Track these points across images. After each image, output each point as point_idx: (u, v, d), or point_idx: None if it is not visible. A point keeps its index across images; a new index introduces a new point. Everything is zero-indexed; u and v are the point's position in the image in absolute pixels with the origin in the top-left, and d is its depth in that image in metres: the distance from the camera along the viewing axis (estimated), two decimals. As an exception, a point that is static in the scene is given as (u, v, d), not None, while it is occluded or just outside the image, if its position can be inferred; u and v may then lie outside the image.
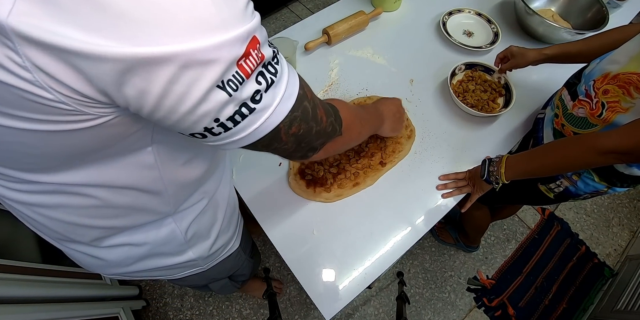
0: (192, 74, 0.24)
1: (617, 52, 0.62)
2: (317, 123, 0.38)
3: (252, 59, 0.27)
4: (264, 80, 0.29)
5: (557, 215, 1.60)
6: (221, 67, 0.25)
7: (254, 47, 0.27)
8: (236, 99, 0.27)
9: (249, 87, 0.28)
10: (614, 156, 0.53)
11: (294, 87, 0.33)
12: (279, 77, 0.31)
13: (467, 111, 0.86)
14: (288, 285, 1.40)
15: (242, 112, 0.29)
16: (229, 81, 0.26)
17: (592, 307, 1.41)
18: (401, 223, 0.75)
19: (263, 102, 0.30)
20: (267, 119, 0.31)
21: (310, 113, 0.36)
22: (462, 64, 0.91)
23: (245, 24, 0.26)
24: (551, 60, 0.80)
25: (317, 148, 0.43)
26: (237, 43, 0.25)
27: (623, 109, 0.58)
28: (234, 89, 0.27)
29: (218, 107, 0.27)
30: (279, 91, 0.31)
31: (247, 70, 0.27)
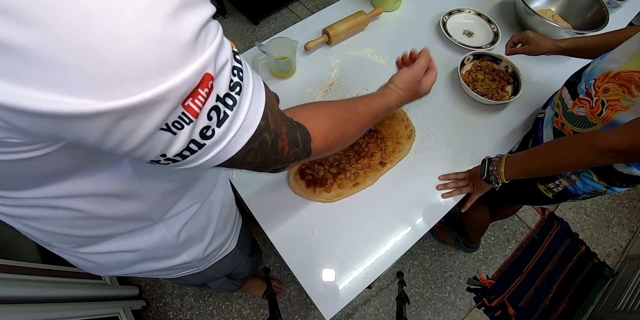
0: (129, 123, 0.22)
1: (617, 51, 0.62)
2: (277, 153, 0.36)
3: (202, 97, 0.24)
4: (216, 115, 0.26)
5: (557, 215, 1.60)
6: (163, 113, 0.23)
7: (206, 84, 0.24)
8: (183, 135, 0.25)
9: (199, 125, 0.26)
10: (614, 155, 0.53)
11: (255, 117, 0.31)
12: (236, 109, 0.28)
13: (478, 100, 0.87)
14: (288, 285, 1.40)
15: (191, 148, 0.27)
16: (174, 123, 0.24)
17: (592, 307, 1.41)
18: (401, 223, 0.75)
19: (215, 138, 0.27)
20: (218, 153, 0.29)
21: (269, 144, 0.34)
22: (470, 55, 0.92)
23: (194, 60, 0.23)
24: (565, 53, 0.80)
25: (283, 168, 0.41)
26: (182, 86, 0.22)
27: (623, 108, 0.58)
28: (180, 128, 0.24)
29: (162, 146, 0.25)
30: (235, 124, 0.28)
31: (196, 109, 0.24)
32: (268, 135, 0.33)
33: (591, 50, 0.74)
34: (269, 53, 0.82)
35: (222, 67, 0.26)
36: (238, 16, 2.09)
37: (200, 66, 0.23)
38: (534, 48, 0.81)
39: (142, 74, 0.21)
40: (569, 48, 0.78)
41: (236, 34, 2.03)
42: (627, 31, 0.70)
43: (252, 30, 2.04)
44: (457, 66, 0.90)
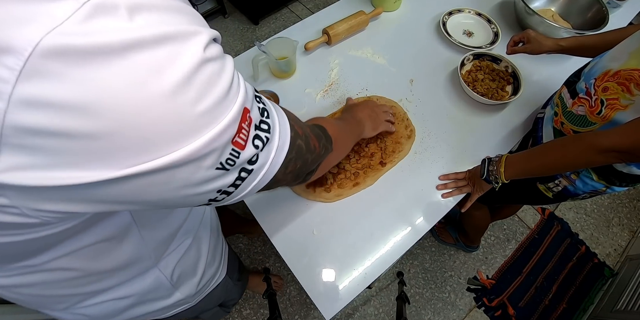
0: (186, 171, 0.24)
1: (617, 49, 0.62)
2: (312, 153, 0.39)
3: (245, 130, 0.27)
4: (260, 142, 0.29)
5: (557, 215, 1.60)
6: (215, 155, 0.25)
7: (245, 119, 0.26)
8: (235, 168, 0.27)
9: (247, 154, 0.28)
10: (614, 155, 0.53)
11: (286, 132, 0.33)
12: (271, 131, 0.31)
13: (478, 100, 0.87)
14: (288, 285, 1.40)
15: (241, 177, 0.29)
16: (227, 160, 0.26)
17: (592, 307, 1.41)
18: (401, 223, 0.75)
19: (260, 161, 0.30)
20: (265, 174, 0.31)
21: (304, 148, 0.37)
22: (470, 55, 0.92)
23: (232, 105, 0.25)
24: (566, 52, 0.80)
25: (314, 170, 0.44)
26: (228, 129, 0.24)
27: (622, 106, 0.58)
28: (232, 164, 0.27)
29: (219, 184, 0.27)
30: (273, 145, 0.31)
31: (242, 143, 0.27)
32: (301, 141, 0.36)
33: (592, 49, 0.74)
34: (269, 53, 0.82)
35: (252, 100, 0.29)
36: (238, 16, 2.09)
37: (240, 105, 0.25)
38: (536, 47, 0.81)
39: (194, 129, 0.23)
40: (570, 47, 0.78)
41: (236, 34, 2.03)
42: (628, 30, 0.70)
43: (252, 30, 2.04)
44: (457, 66, 0.90)
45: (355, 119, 0.71)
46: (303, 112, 0.87)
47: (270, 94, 0.84)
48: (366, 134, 0.73)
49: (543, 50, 0.81)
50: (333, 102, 0.89)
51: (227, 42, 2.00)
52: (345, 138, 0.58)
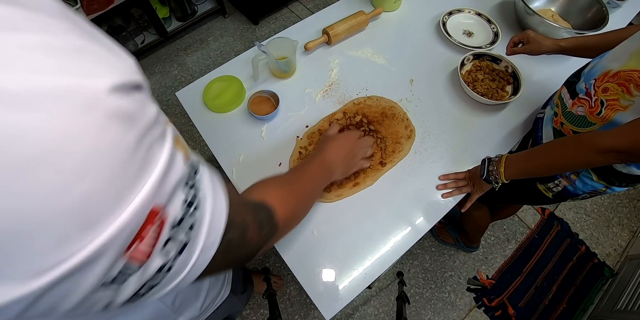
0: (55, 296, 0.17)
1: (617, 50, 0.62)
2: (246, 246, 0.32)
3: (151, 237, 0.19)
4: (174, 248, 0.22)
5: (557, 215, 1.60)
6: (97, 275, 0.18)
7: (152, 220, 0.19)
8: (132, 283, 0.20)
9: (152, 267, 0.21)
10: (613, 155, 0.53)
11: (219, 225, 0.26)
12: (197, 229, 0.23)
13: (478, 100, 0.86)
14: (288, 285, 1.40)
15: (140, 293, 0.22)
16: (116, 277, 0.19)
17: (592, 307, 1.41)
18: (401, 223, 0.75)
19: (174, 269, 0.23)
20: (184, 279, 0.25)
21: (236, 242, 0.30)
22: (470, 55, 0.92)
23: (131, 198, 0.18)
24: (566, 52, 0.79)
25: (247, 261, 0.36)
26: (120, 235, 0.17)
27: (622, 107, 0.58)
28: (127, 278, 0.20)
29: (107, 299, 0.20)
30: (197, 246, 0.24)
31: (143, 254, 0.20)
32: (233, 233, 0.29)
33: (592, 50, 0.74)
34: (269, 53, 0.82)
35: (173, 189, 0.21)
36: (238, 16, 2.09)
37: (141, 203, 0.18)
38: (535, 47, 0.81)
39: (53, 238, 0.15)
40: (570, 47, 0.78)
41: (236, 34, 2.03)
42: (628, 30, 0.70)
43: (252, 30, 2.04)
44: (457, 66, 0.90)
45: (324, 163, 0.62)
46: (303, 113, 0.87)
47: (270, 94, 0.85)
48: (335, 178, 0.65)
49: (543, 51, 0.80)
50: (333, 102, 0.89)
51: (227, 42, 2.00)
52: (302, 207, 0.50)
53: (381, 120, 0.85)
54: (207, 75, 0.91)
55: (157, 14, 1.70)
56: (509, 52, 0.88)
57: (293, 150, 0.81)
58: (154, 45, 1.84)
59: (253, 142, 0.83)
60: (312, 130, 0.84)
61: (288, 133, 0.84)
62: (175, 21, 1.88)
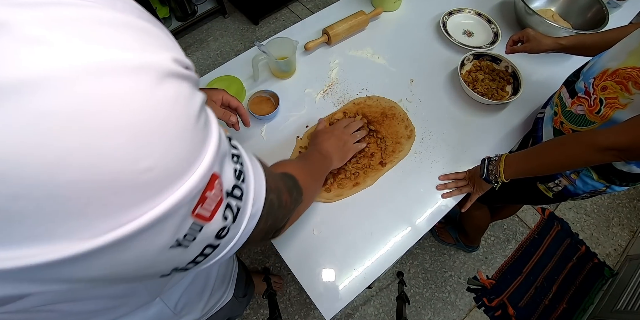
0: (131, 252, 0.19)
1: (616, 48, 0.62)
2: (283, 208, 0.35)
3: (211, 200, 0.21)
4: (230, 213, 0.24)
5: (557, 215, 1.60)
6: (169, 232, 0.19)
7: (212, 185, 0.21)
8: (197, 244, 0.22)
9: (212, 228, 0.23)
10: (613, 153, 0.53)
11: (261, 194, 0.29)
12: (245, 197, 0.26)
13: (478, 100, 0.86)
14: (288, 285, 1.40)
15: (205, 253, 0.24)
16: (185, 236, 0.21)
17: (592, 307, 1.41)
18: (401, 223, 0.75)
19: (229, 235, 0.25)
20: (233, 246, 0.27)
21: (276, 204, 0.33)
22: (470, 55, 0.92)
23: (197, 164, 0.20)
24: (566, 50, 0.79)
25: (283, 226, 0.40)
26: (187, 197, 0.19)
27: (621, 105, 0.58)
28: (192, 239, 0.21)
29: (174, 262, 0.22)
30: (246, 213, 0.26)
31: (206, 215, 0.21)
32: (273, 195, 0.32)
33: (592, 48, 0.74)
34: (269, 53, 0.82)
35: (223, 159, 0.23)
36: (238, 16, 2.09)
37: (206, 168, 0.20)
38: (535, 46, 0.81)
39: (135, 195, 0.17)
40: (570, 45, 0.78)
41: (236, 34, 2.03)
42: (628, 28, 0.70)
43: (252, 30, 2.04)
44: (457, 66, 0.90)
45: (321, 153, 0.68)
46: (303, 113, 0.87)
47: (270, 94, 0.85)
48: (334, 165, 0.71)
49: (543, 49, 0.80)
50: (333, 102, 0.89)
51: (227, 42, 2.00)
52: (316, 183, 0.55)
53: (381, 120, 0.85)
54: (207, 75, 0.91)
55: (157, 14, 1.70)
56: (509, 51, 0.87)
57: (293, 150, 0.81)
58: (154, 45, 1.84)
59: (253, 142, 0.82)
60: (312, 130, 0.84)
61: (288, 133, 0.84)
62: (175, 21, 1.88)
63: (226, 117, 0.67)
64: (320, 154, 0.67)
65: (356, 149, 0.77)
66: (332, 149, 0.70)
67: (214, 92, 0.68)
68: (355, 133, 0.78)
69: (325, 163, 0.67)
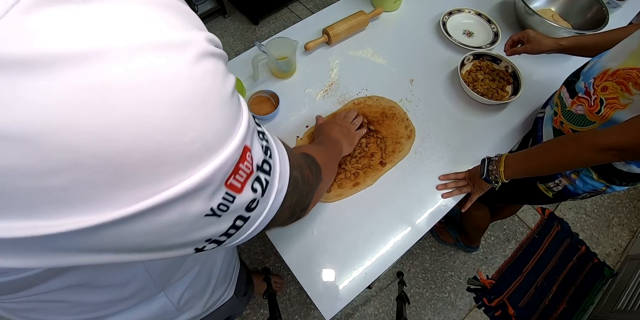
0: (169, 217, 0.20)
1: (616, 49, 0.62)
2: (306, 183, 0.36)
3: (244, 172, 0.23)
4: (259, 186, 0.25)
5: (557, 215, 1.60)
6: (205, 199, 0.20)
7: (245, 158, 0.22)
8: (229, 214, 0.23)
9: (243, 199, 0.24)
10: (613, 153, 0.53)
11: (286, 171, 0.30)
12: (273, 173, 0.27)
13: (478, 100, 0.87)
14: (288, 285, 1.40)
15: (236, 225, 0.25)
16: (219, 206, 0.22)
17: (592, 307, 1.41)
18: (401, 223, 0.75)
19: (259, 208, 0.26)
20: (263, 220, 0.28)
21: (300, 180, 0.34)
22: (470, 55, 0.92)
23: (230, 139, 0.21)
24: (566, 51, 0.79)
25: (308, 205, 0.40)
26: (224, 167, 0.20)
27: (621, 106, 0.58)
28: (225, 209, 0.22)
29: (209, 232, 0.23)
30: (273, 188, 0.27)
31: (238, 186, 0.23)
32: (297, 172, 0.33)
33: (592, 48, 0.74)
34: (269, 53, 0.82)
35: (253, 134, 0.24)
36: (238, 16, 2.09)
37: (239, 141, 0.21)
38: (535, 46, 0.80)
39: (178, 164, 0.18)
40: (570, 46, 0.77)
41: (236, 34, 2.03)
42: (628, 29, 0.70)
43: (252, 30, 2.04)
44: (457, 66, 0.90)
45: (331, 140, 0.70)
46: (303, 112, 0.87)
47: (270, 94, 0.85)
48: (345, 151, 0.73)
49: (543, 50, 0.80)
50: (333, 102, 0.89)
51: (227, 42, 2.00)
52: (331, 164, 0.58)
53: (381, 120, 0.85)
54: (207, 75, 0.91)
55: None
56: (509, 53, 0.87)
57: (293, 150, 0.81)
58: (154, 45, 1.84)
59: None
60: (312, 130, 0.84)
61: (288, 133, 0.84)
62: (175, 21, 1.88)
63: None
64: (330, 141, 0.70)
65: (359, 134, 0.80)
66: (339, 135, 0.73)
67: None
68: (354, 121, 0.81)
69: (337, 148, 0.69)
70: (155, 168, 0.17)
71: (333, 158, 0.64)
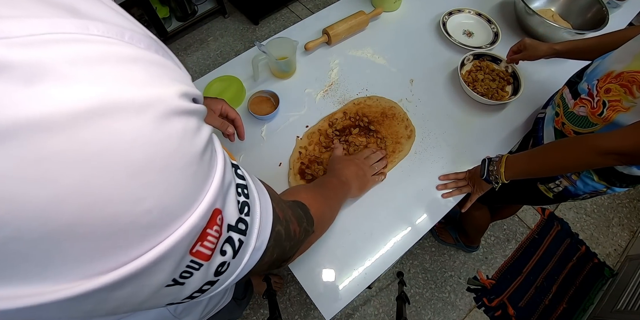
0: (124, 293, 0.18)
1: (621, 51, 0.61)
2: (291, 239, 0.34)
3: (212, 237, 0.21)
4: (230, 248, 0.23)
5: (557, 215, 1.60)
6: (167, 270, 0.19)
7: (215, 221, 0.20)
8: (194, 281, 0.22)
9: (212, 266, 0.22)
10: (614, 157, 0.53)
11: (267, 226, 0.27)
12: (249, 231, 0.24)
13: (478, 100, 0.87)
14: (288, 285, 1.40)
15: (203, 289, 0.23)
16: (182, 274, 0.20)
17: (592, 307, 1.41)
18: (401, 223, 0.75)
19: (229, 269, 0.24)
20: (234, 279, 0.26)
21: (283, 235, 0.31)
22: (470, 55, 0.92)
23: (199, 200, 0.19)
24: (561, 55, 0.80)
25: (291, 257, 0.38)
26: (188, 235, 0.19)
27: (624, 108, 0.57)
28: (189, 276, 0.21)
29: (170, 298, 0.22)
30: (249, 247, 0.25)
31: (207, 252, 0.21)
32: (280, 226, 0.31)
33: (588, 52, 0.74)
34: (269, 53, 0.82)
35: (227, 192, 0.22)
36: (238, 16, 2.09)
37: (208, 204, 0.19)
38: (532, 53, 0.82)
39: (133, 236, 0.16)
40: (564, 50, 0.78)
41: (236, 34, 2.03)
42: (626, 32, 0.70)
43: (252, 30, 2.04)
44: (457, 66, 0.90)
45: (340, 180, 0.65)
46: (303, 113, 0.87)
47: (270, 94, 0.85)
48: (352, 195, 0.69)
49: (539, 56, 0.81)
50: (333, 102, 0.89)
51: (227, 42, 2.00)
52: (331, 212, 0.54)
53: (381, 121, 0.85)
54: (207, 75, 0.91)
55: (157, 14, 1.70)
56: (509, 61, 0.89)
57: (293, 150, 0.81)
58: (154, 45, 1.84)
59: (253, 142, 0.83)
60: (312, 130, 0.84)
61: (288, 133, 0.84)
62: (175, 21, 1.88)
63: (223, 128, 0.68)
64: (339, 180, 0.65)
65: (374, 181, 0.75)
66: (351, 176, 0.68)
67: (214, 101, 0.69)
68: (375, 165, 0.76)
69: (344, 190, 0.64)
70: (105, 242, 0.16)
71: (335, 202, 0.58)
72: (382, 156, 0.78)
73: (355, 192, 0.70)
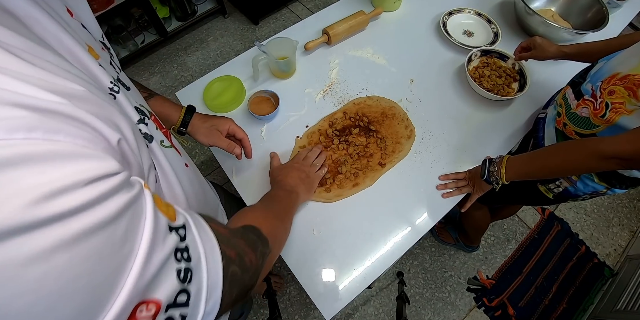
0: None
1: (628, 53, 0.61)
2: (248, 271, 0.33)
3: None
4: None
5: (557, 215, 1.60)
6: None
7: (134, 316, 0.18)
8: None
9: None
10: (616, 161, 0.53)
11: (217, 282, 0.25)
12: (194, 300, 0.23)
13: (484, 95, 0.87)
14: (288, 285, 1.40)
15: None
16: None
17: (592, 307, 1.41)
18: (401, 223, 0.75)
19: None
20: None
21: (239, 273, 0.30)
22: (477, 51, 0.92)
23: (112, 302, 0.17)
24: (569, 57, 0.81)
25: (254, 283, 0.37)
26: None
27: (627, 111, 0.57)
28: None
29: None
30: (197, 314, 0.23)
31: None
32: (235, 266, 0.29)
33: (595, 55, 0.74)
34: (269, 53, 0.82)
35: (161, 269, 0.20)
36: (238, 16, 2.09)
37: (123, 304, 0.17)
38: (540, 53, 0.82)
39: None
40: (572, 53, 0.79)
41: (236, 34, 2.03)
42: (633, 36, 0.70)
43: (252, 30, 2.04)
44: (457, 66, 0.91)
45: (285, 190, 0.65)
46: (303, 112, 0.87)
47: (270, 94, 0.84)
48: (302, 199, 0.67)
49: (547, 56, 0.81)
50: (333, 102, 0.89)
51: (227, 42, 2.00)
52: (284, 225, 0.54)
53: (381, 120, 0.85)
54: (207, 75, 0.91)
55: (157, 13, 1.70)
56: (517, 58, 0.89)
57: (293, 150, 0.81)
58: (154, 45, 1.84)
59: (253, 142, 0.82)
60: (312, 130, 0.84)
61: (288, 133, 0.84)
62: (175, 21, 1.88)
63: (230, 148, 0.67)
64: (284, 191, 0.64)
65: (319, 177, 0.75)
66: (295, 183, 0.67)
67: (222, 121, 0.68)
68: (315, 162, 0.75)
69: (291, 199, 0.63)
70: None
71: (285, 214, 0.57)
72: (319, 152, 0.77)
73: (305, 196, 0.69)
